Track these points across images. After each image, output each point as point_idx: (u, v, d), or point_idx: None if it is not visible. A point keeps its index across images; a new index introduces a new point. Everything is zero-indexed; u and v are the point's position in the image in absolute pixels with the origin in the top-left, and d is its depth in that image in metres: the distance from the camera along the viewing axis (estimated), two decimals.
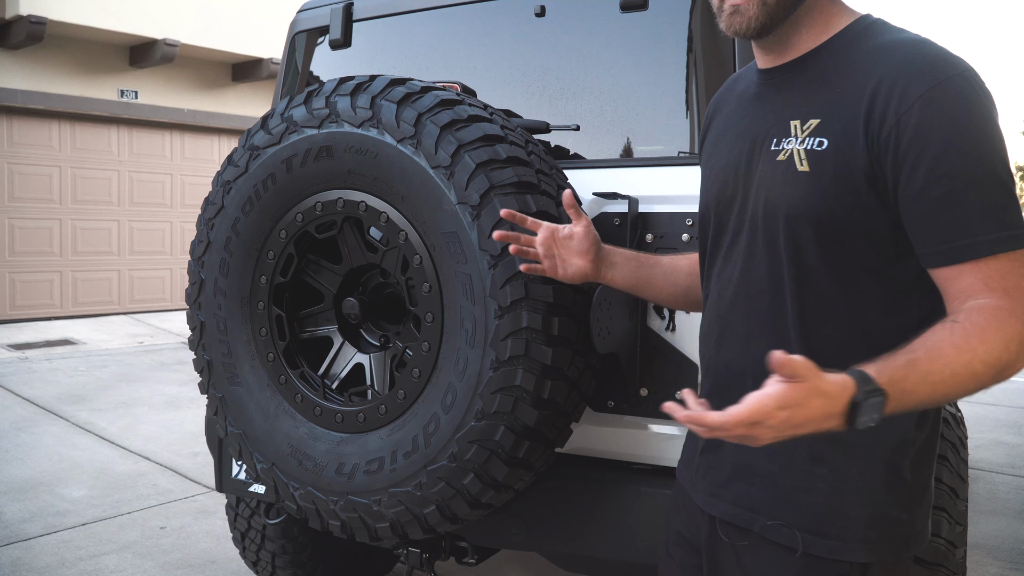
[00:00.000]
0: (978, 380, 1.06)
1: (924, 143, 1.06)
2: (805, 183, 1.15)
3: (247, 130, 1.93)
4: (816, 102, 1.17)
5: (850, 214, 1.13)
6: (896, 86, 1.08)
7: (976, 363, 1.05)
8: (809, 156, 1.15)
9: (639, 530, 1.87)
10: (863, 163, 1.10)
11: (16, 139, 8.96)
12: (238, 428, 1.97)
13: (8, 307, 8.98)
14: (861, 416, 0.99)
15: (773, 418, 0.97)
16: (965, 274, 1.07)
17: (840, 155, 1.12)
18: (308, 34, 2.62)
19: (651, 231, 1.89)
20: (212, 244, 1.98)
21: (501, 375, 1.61)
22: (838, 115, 1.13)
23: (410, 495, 1.72)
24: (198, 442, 5.04)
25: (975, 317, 1.06)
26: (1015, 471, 4.70)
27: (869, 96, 1.10)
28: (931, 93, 1.06)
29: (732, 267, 1.28)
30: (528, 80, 2.17)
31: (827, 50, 1.19)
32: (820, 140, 1.14)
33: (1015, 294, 1.05)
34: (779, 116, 1.22)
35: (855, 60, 1.15)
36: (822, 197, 1.14)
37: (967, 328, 1.06)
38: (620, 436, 1.96)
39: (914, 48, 1.11)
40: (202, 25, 9.43)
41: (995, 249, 1.05)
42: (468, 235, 1.63)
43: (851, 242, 1.14)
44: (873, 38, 1.16)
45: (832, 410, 0.98)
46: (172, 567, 3.31)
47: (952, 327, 1.06)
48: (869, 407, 0.99)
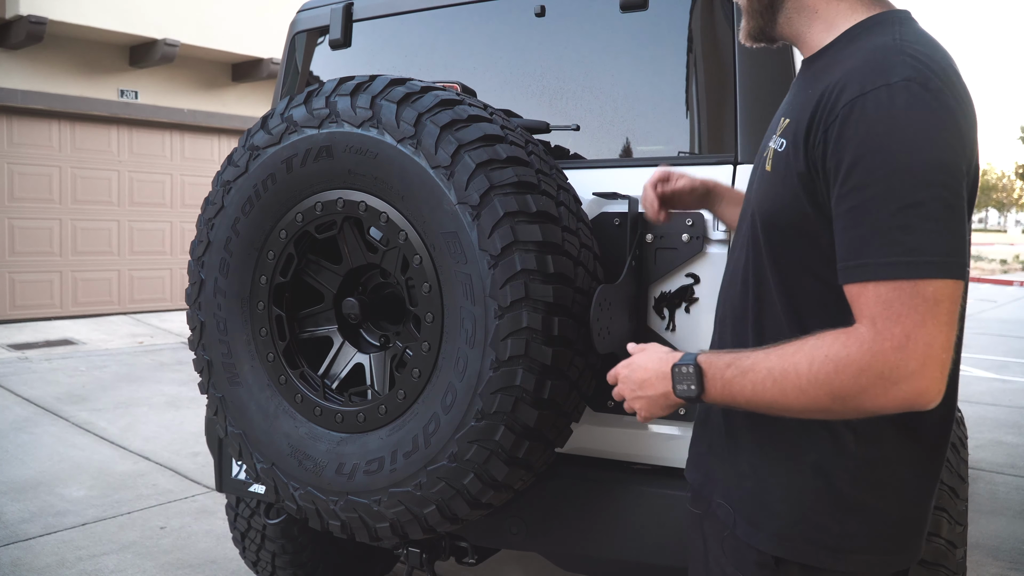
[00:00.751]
0: (808, 397, 1.04)
1: (840, 155, 1.02)
2: (766, 183, 1.19)
3: (247, 130, 1.93)
4: (795, 103, 1.18)
5: (792, 218, 1.13)
6: (833, 94, 1.05)
7: (794, 376, 1.04)
8: (774, 157, 1.17)
9: (639, 530, 1.87)
10: (802, 168, 1.09)
11: (16, 139, 8.96)
12: (238, 428, 1.97)
13: (8, 307, 8.98)
14: (676, 383, 1.17)
15: (620, 374, 1.29)
16: (855, 296, 1.03)
17: (788, 159, 1.12)
18: (308, 34, 2.62)
19: (651, 231, 1.89)
20: (212, 244, 1.98)
21: (501, 375, 1.61)
22: (798, 118, 1.12)
23: (410, 495, 1.72)
24: (198, 442, 5.04)
25: (825, 336, 1.04)
26: (1015, 471, 4.70)
27: (815, 102, 1.08)
28: (854, 103, 1.02)
29: (733, 255, 1.35)
30: (528, 80, 2.17)
31: (829, 50, 1.18)
32: (782, 141, 1.15)
33: (880, 325, 0.98)
34: (779, 114, 1.26)
35: (833, 63, 1.13)
36: (772, 199, 1.16)
37: (807, 343, 1.05)
38: (620, 436, 1.96)
39: (866, 54, 1.07)
40: (202, 25, 9.43)
41: (883, 274, 0.98)
42: (468, 235, 1.63)
43: (794, 246, 1.15)
44: (858, 40, 1.13)
45: (663, 373, 1.20)
46: (172, 567, 3.31)
47: (799, 340, 1.07)
48: (681, 375, 1.16)
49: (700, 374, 1.14)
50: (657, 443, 1.93)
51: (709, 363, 1.15)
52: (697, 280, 1.86)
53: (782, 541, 1.18)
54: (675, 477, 1.89)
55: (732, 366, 1.12)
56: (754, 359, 1.10)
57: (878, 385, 0.99)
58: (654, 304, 1.91)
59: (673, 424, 1.90)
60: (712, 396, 1.14)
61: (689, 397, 1.16)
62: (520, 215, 1.62)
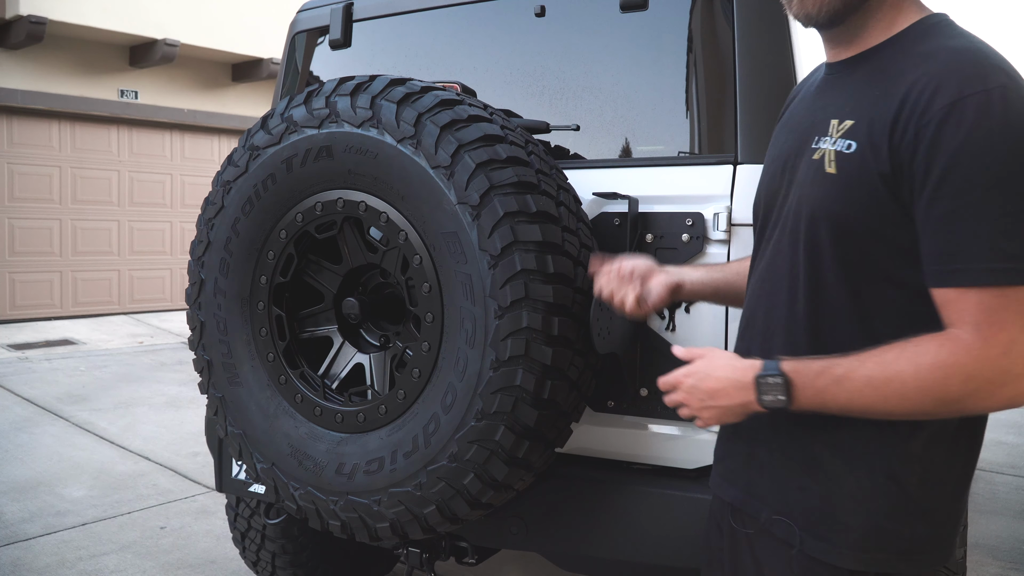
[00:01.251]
0: (910, 402, 1.04)
1: (936, 158, 1.02)
2: (831, 185, 1.14)
3: (247, 130, 1.93)
4: (857, 103, 1.14)
5: (870, 221, 1.10)
6: (923, 95, 1.04)
7: (898, 384, 1.04)
8: (838, 158, 1.13)
9: (639, 530, 1.87)
10: (887, 170, 1.07)
11: (16, 139, 8.96)
12: (238, 428, 1.97)
13: (8, 307, 8.98)
14: (762, 394, 1.13)
15: (682, 383, 1.23)
16: (951, 301, 1.04)
17: (864, 160, 1.10)
18: (308, 34, 2.62)
19: (651, 231, 1.89)
20: (212, 244, 1.98)
21: (501, 375, 1.61)
22: (870, 118, 1.10)
23: (410, 495, 1.72)
24: (198, 442, 5.04)
25: (924, 342, 1.05)
26: (1015, 471, 4.70)
27: (899, 102, 1.07)
28: (953, 107, 1.01)
29: (764, 262, 1.29)
30: (528, 80, 2.17)
31: (886, 49, 1.16)
32: (850, 143, 1.12)
33: (986, 332, 1.00)
34: (825, 113, 1.20)
35: (902, 62, 1.11)
36: (844, 202, 1.12)
37: (907, 350, 1.05)
38: (620, 436, 1.96)
39: (953, 56, 1.06)
40: (202, 25, 9.43)
41: (985, 280, 1.00)
42: (468, 235, 1.63)
43: (868, 249, 1.12)
44: (927, 41, 1.12)
45: (742, 383, 1.15)
46: (172, 567, 3.31)
47: (897, 345, 1.07)
48: (768, 386, 1.12)
49: (788, 384, 1.11)
50: (657, 443, 1.93)
51: (797, 372, 1.11)
52: None
53: (859, 553, 1.15)
54: (675, 477, 1.90)
55: (824, 375, 1.09)
56: (847, 367, 1.08)
57: (985, 389, 1.02)
58: None
59: (673, 424, 1.90)
60: (800, 405, 1.11)
61: (776, 408, 1.13)
62: (520, 215, 1.62)
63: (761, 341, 1.27)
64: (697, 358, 1.23)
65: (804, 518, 1.18)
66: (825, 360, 1.11)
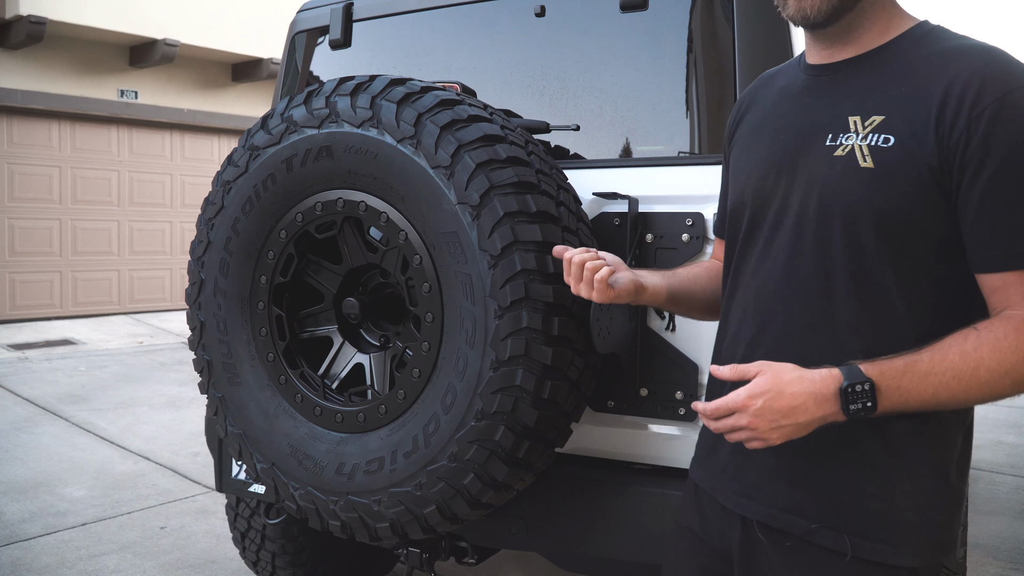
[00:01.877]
0: (990, 388, 1.08)
1: (991, 148, 1.06)
2: (868, 179, 1.14)
3: (247, 130, 1.93)
4: (879, 99, 1.16)
5: (913, 213, 1.13)
6: (970, 88, 1.08)
7: (983, 371, 1.07)
8: (873, 152, 1.14)
9: (639, 530, 1.87)
10: (933, 162, 1.10)
11: (16, 139, 8.96)
12: (238, 428, 1.97)
13: (8, 307, 8.98)
14: (850, 403, 1.08)
15: (750, 406, 1.11)
16: (1011, 284, 1.09)
17: (908, 153, 1.12)
18: (308, 34, 2.62)
19: (651, 231, 1.89)
20: (212, 244, 1.98)
21: (501, 375, 1.61)
22: (905, 113, 1.13)
23: (410, 495, 1.72)
24: (198, 442, 5.04)
25: (996, 326, 1.08)
26: (1015, 471, 4.70)
27: (941, 96, 1.10)
28: (1004, 99, 1.07)
29: (771, 265, 1.25)
30: (528, 80, 2.17)
31: (890, 50, 1.19)
32: (886, 137, 1.13)
33: None
34: (835, 112, 1.20)
35: (922, 61, 1.15)
36: (886, 194, 1.13)
37: (982, 336, 1.08)
38: (620, 436, 1.96)
39: (988, 53, 1.12)
40: (202, 25, 9.43)
41: None
42: (468, 235, 1.63)
43: (912, 241, 1.14)
44: (938, 42, 1.17)
45: (823, 395, 1.09)
46: (172, 567, 3.31)
47: (967, 334, 1.09)
48: (856, 395, 1.08)
49: (875, 389, 1.09)
50: (657, 443, 1.93)
51: (882, 375, 1.09)
52: None
53: (915, 549, 1.15)
54: (675, 477, 1.89)
55: (908, 373, 1.09)
56: (930, 361, 1.09)
57: None
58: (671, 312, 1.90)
59: (673, 424, 1.90)
60: (884, 409, 1.10)
61: (861, 417, 1.10)
62: (520, 215, 1.62)
63: (782, 345, 1.23)
64: (752, 375, 1.13)
65: (859, 522, 1.16)
66: (905, 357, 1.10)
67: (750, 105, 1.39)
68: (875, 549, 1.15)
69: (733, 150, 1.40)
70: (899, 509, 1.16)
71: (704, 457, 1.37)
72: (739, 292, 1.31)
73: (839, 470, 1.18)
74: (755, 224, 1.28)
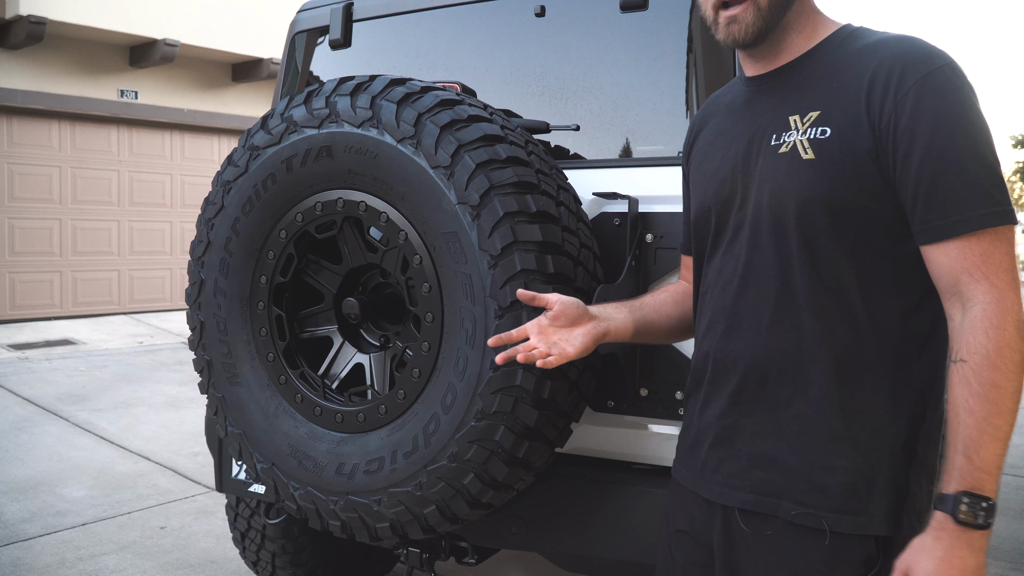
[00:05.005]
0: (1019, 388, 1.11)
1: (918, 125, 1.13)
2: (811, 170, 1.21)
3: (247, 130, 1.93)
4: (813, 97, 1.24)
5: (857, 196, 1.18)
6: (893, 73, 1.16)
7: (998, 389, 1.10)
8: (813, 144, 1.21)
9: (639, 530, 1.87)
10: (869, 145, 1.17)
11: (16, 139, 8.96)
12: (238, 428, 1.97)
13: (8, 307, 8.98)
14: (977, 520, 1.12)
15: None
16: (953, 251, 1.13)
17: (845, 141, 1.18)
18: (308, 34, 2.62)
19: (651, 231, 1.89)
20: (212, 244, 1.98)
21: (501, 375, 1.61)
22: (838, 105, 1.20)
23: (410, 495, 1.72)
24: (198, 442, 5.04)
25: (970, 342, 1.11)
26: (1015, 471, 4.70)
27: (867, 84, 1.18)
28: (925, 80, 1.14)
29: (735, 261, 1.31)
30: (528, 80, 2.17)
31: (817, 53, 1.28)
32: (823, 129, 1.21)
33: (997, 280, 1.12)
34: (776, 114, 1.28)
35: (848, 57, 1.24)
36: (829, 181, 1.19)
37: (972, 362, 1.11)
38: (620, 436, 1.96)
39: (905, 42, 1.20)
40: (202, 25, 9.43)
41: (984, 223, 1.11)
42: (468, 235, 1.63)
43: (859, 223, 1.19)
44: (861, 39, 1.25)
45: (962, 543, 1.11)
46: (172, 567, 3.31)
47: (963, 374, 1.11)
48: (968, 513, 1.11)
49: (973, 494, 1.11)
50: (657, 443, 1.93)
51: (963, 477, 1.11)
52: None
53: (891, 519, 1.19)
54: None
55: (969, 454, 1.11)
56: (965, 426, 1.11)
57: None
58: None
59: (673, 424, 1.90)
60: (993, 486, 1.13)
61: (992, 512, 1.14)
62: (520, 215, 1.62)
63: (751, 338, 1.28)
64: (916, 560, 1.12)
65: (833, 499, 1.20)
66: (954, 448, 1.12)
67: (703, 125, 1.46)
68: (852, 522, 1.19)
69: (691, 168, 1.47)
70: (872, 480, 1.20)
71: (686, 454, 1.41)
72: (708, 291, 1.37)
73: (810, 449, 1.22)
74: (720, 228, 1.35)
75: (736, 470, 1.29)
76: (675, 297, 1.55)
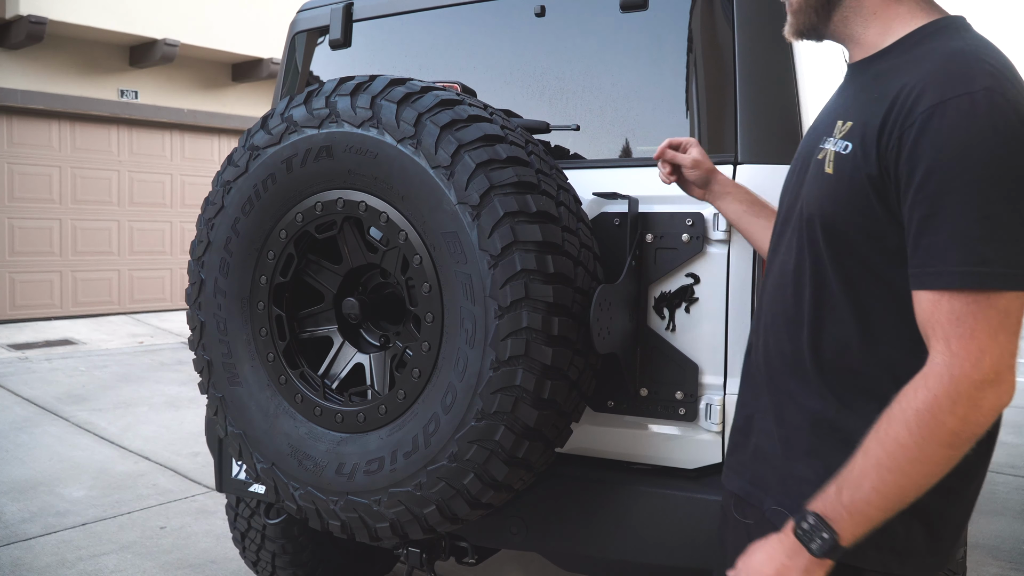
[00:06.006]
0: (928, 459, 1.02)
1: (916, 161, 1.02)
2: (826, 186, 1.16)
3: (247, 130, 1.93)
4: (858, 104, 1.16)
5: (860, 221, 1.11)
6: (910, 99, 1.04)
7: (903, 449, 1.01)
8: (836, 159, 1.15)
9: (639, 530, 1.87)
10: (873, 172, 1.08)
11: (16, 139, 8.96)
12: (238, 428, 1.97)
13: (8, 307, 8.98)
14: (809, 544, 1.07)
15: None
16: (924, 302, 1.04)
17: (856, 161, 1.11)
18: (308, 34, 2.62)
19: (651, 231, 1.89)
20: (212, 244, 1.98)
21: (501, 375, 1.61)
22: (865, 120, 1.11)
23: (410, 495, 1.72)
24: (198, 442, 5.04)
25: (902, 398, 1.03)
26: (1015, 471, 4.70)
27: (888, 105, 1.07)
28: (934, 110, 1.01)
29: (778, 257, 1.32)
30: (528, 80, 2.17)
31: (891, 52, 1.17)
32: (847, 144, 1.13)
33: (957, 346, 0.99)
34: (834, 115, 1.22)
35: (900, 65, 1.12)
36: (832, 202, 1.14)
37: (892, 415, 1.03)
38: (620, 436, 1.96)
39: (942, 59, 1.06)
40: (202, 25, 9.43)
41: (959, 283, 0.99)
42: (468, 235, 1.63)
43: (859, 249, 1.13)
44: (926, 44, 1.12)
45: (788, 550, 1.09)
46: (172, 567, 3.31)
47: (878, 421, 1.05)
48: (806, 533, 1.07)
49: (820, 518, 1.07)
50: (657, 443, 1.93)
51: (825, 501, 1.08)
52: (697, 280, 1.86)
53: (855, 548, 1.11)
54: (675, 477, 1.90)
55: (843, 488, 1.06)
56: (855, 466, 1.06)
57: (971, 407, 0.99)
58: (654, 304, 1.91)
59: (673, 424, 1.90)
60: (850, 532, 1.06)
61: (831, 548, 1.06)
62: (520, 215, 1.62)
63: (767, 334, 1.31)
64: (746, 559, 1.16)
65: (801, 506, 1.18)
66: (836, 477, 1.08)
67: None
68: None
69: None
70: None
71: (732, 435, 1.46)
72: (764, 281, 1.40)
73: (791, 455, 1.23)
74: (783, 222, 1.34)
75: (743, 458, 1.34)
76: None
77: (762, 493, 1.27)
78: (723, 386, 1.85)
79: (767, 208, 1.66)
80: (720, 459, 1.86)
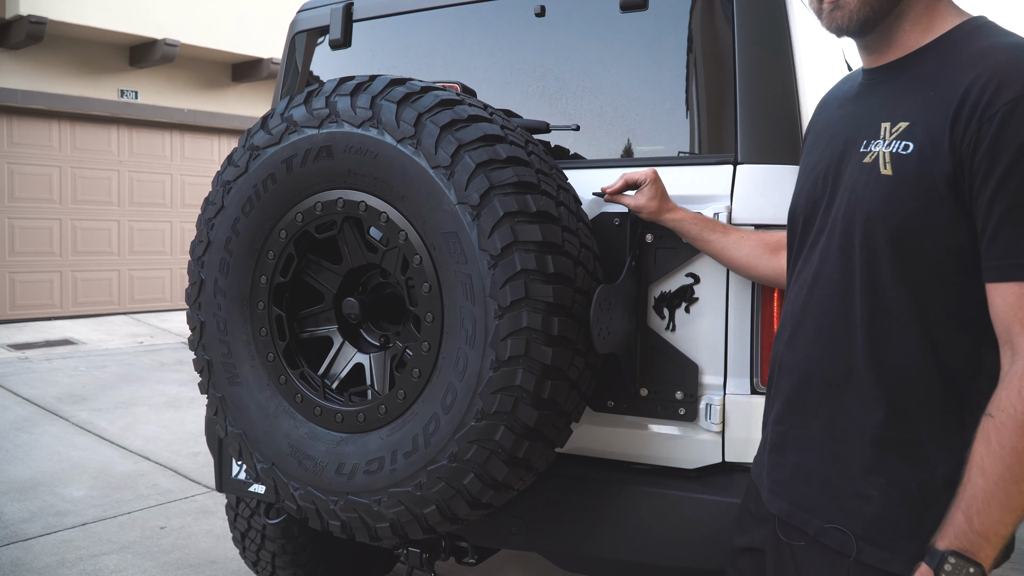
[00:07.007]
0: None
1: (999, 153, 1.02)
2: (886, 188, 1.12)
3: (247, 130, 1.93)
4: (909, 104, 1.14)
5: (929, 222, 1.09)
6: (986, 91, 1.04)
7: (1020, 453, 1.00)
8: (893, 160, 1.12)
9: (639, 530, 1.87)
10: (948, 169, 1.07)
11: (16, 139, 8.96)
12: (238, 428, 1.97)
13: (8, 307, 8.98)
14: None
15: None
16: (1009, 296, 1.03)
17: (924, 160, 1.09)
18: (308, 34, 2.62)
19: (651, 231, 1.89)
20: (212, 244, 1.98)
21: (501, 375, 1.61)
22: (927, 118, 1.10)
23: (410, 495, 1.72)
24: (198, 442, 5.04)
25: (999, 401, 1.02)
26: None
27: (959, 99, 1.06)
28: (1018, 101, 1.01)
29: (811, 267, 1.27)
30: (528, 80, 2.17)
31: (931, 51, 1.16)
32: (906, 143, 1.11)
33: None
34: (873, 117, 1.19)
35: (954, 63, 1.11)
36: (901, 202, 1.11)
37: (997, 423, 1.02)
38: (620, 436, 1.96)
39: (1012, 53, 1.07)
40: (202, 25, 9.43)
41: None
42: (468, 235, 1.63)
43: (927, 252, 1.11)
44: (977, 41, 1.13)
45: None
46: (172, 567, 3.31)
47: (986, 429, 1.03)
48: (952, 573, 1.03)
49: (962, 556, 1.03)
50: (657, 443, 1.93)
51: (957, 536, 1.04)
52: (697, 280, 1.86)
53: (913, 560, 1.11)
54: (675, 477, 1.89)
55: (972, 516, 1.03)
56: (974, 485, 1.03)
57: None
58: (654, 304, 1.91)
59: (673, 424, 1.90)
60: (991, 556, 1.04)
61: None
62: (520, 215, 1.62)
63: (809, 348, 1.25)
64: None
65: (863, 526, 1.16)
66: (957, 505, 1.05)
67: (822, 110, 1.40)
68: (876, 555, 1.15)
69: (803, 157, 1.42)
70: (901, 517, 1.14)
71: (759, 455, 1.42)
72: (788, 294, 1.35)
73: (848, 473, 1.18)
74: (806, 229, 1.31)
75: (782, 478, 1.28)
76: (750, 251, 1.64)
77: (807, 514, 1.22)
78: (723, 386, 1.84)
79: (727, 227, 1.74)
80: (720, 459, 1.86)
